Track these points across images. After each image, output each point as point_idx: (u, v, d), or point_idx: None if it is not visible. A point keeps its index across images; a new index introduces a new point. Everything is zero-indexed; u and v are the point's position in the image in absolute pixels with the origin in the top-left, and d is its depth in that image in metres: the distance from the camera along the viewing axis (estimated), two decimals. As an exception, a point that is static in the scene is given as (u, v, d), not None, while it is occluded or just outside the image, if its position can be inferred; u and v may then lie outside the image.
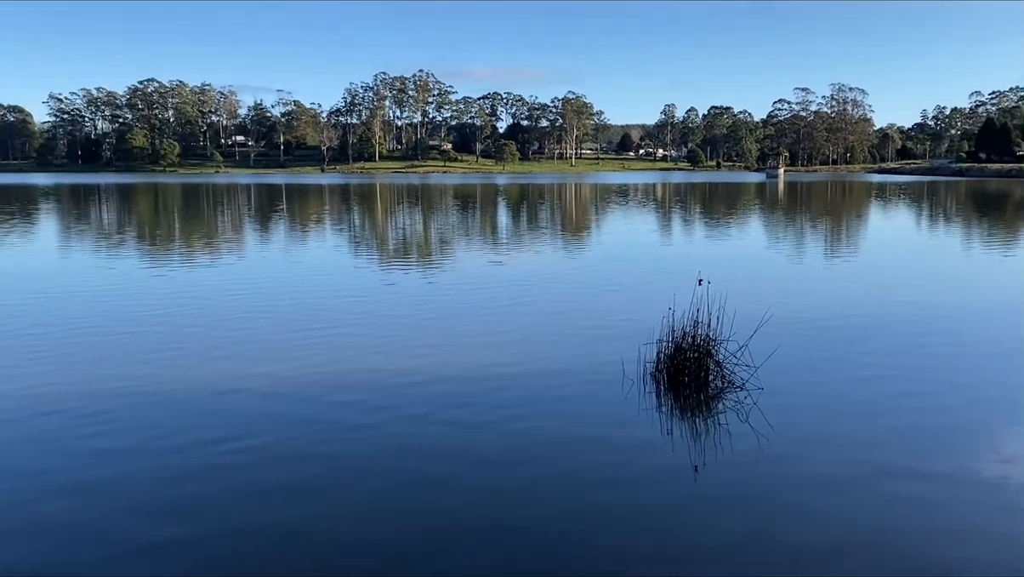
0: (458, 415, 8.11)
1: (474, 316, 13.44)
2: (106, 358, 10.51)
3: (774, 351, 9.87)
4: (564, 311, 13.84)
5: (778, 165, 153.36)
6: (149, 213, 45.07)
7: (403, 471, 6.71)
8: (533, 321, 12.96)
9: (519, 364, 10.11)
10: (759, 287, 16.27)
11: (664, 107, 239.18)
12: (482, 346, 11.23)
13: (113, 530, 5.65)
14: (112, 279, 18.14)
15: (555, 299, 15.09)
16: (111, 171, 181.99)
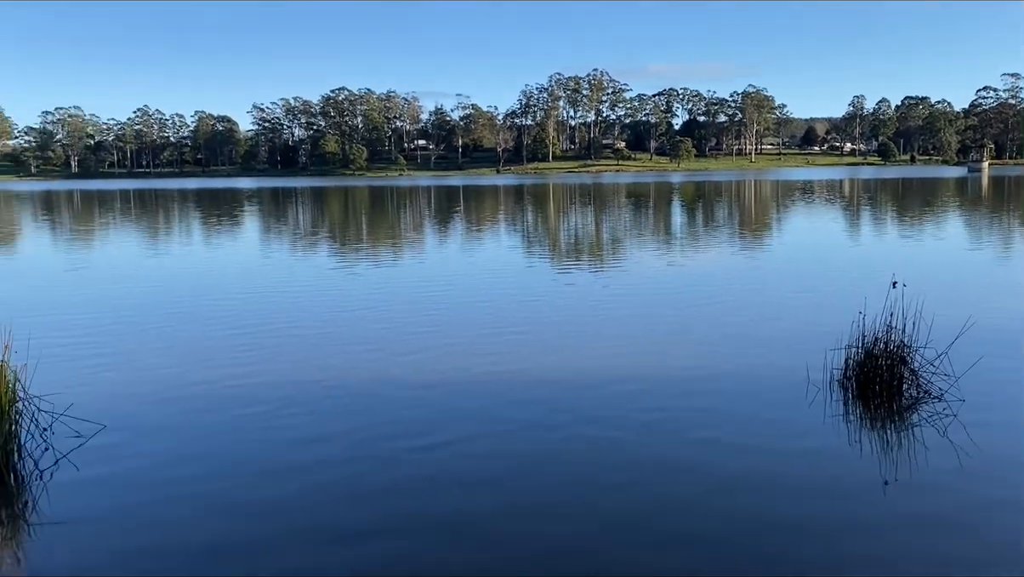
0: (637, 418, 8.03)
1: (651, 318, 13.26)
2: (302, 353, 11.24)
3: (977, 361, 9.05)
4: (744, 313, 13.38)
5: (981, 158, 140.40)
6: (340, 214, 47.93)
7: (583, 473, 6.71)
8: (712, 323, 12.62)
9: (698, 367, 9.87)
10: (960, 291, 15.02)
11: (852, 98, 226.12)
12: (660, 349, 11.07)
13: (316, 514, 6.03)
14: (307, 277, 19.42)
15: (735, 301, 14.62)
16: (306, 175, 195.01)
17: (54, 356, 9.31)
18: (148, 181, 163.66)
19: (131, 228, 38.16)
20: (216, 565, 5.28)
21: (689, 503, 6.07)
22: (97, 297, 16.50)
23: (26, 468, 6.84)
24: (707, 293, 15.54)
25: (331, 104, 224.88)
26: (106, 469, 6.83)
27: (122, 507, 6.13)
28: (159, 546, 5.53)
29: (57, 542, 5.63)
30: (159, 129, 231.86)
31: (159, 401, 8.76)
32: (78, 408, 7.72)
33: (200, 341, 11.86)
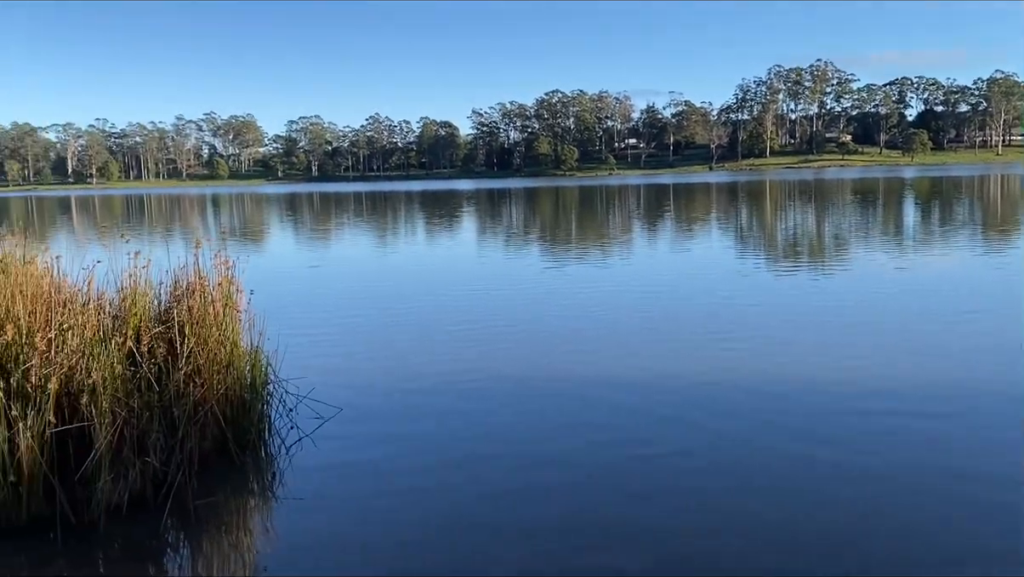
0: (866, 437, 7.59)
1: (877, 326, 12.42)
2: (520, 350, 11.62)
3: None
4: (973, 322, 12.19)
5: None
6: (551, 213, 48.89)
7: (775, 485, 6.47)
8: (934, 331, 11.62)
9: (906, 380, 9.14)
10: None
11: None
12: (889, 360, 10.35)
13: (536, 512, 6.25)
14: (522, 275, 20.02)
15: (964, 307, 13.35)
16: (520, 176, 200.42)
17: (298, 344, 10.25)
18: (378, 184, 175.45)
19: (363, 227, 41.16)
20: (427, 540, 5.61)
21: (877, 519, 5.65)
22: (335, 291, 17.98)
23: (274, 444, 7.62)
24: (941, 300, 14.29)
25: (544, 106, 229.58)
26: (342, 450, 7.45)
27: (355, 486, 6.66)
28: (387, 526, 5.96)
29: (298, 514, 6.22)
30: (388, 135, 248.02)
31: (390, 389, 9.42)
32: (318, 392, 8.48)
33: (426, 334, 12.58)
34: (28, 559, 5.52)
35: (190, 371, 6.84)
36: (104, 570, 5.47)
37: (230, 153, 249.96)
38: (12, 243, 7.91)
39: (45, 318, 6.52)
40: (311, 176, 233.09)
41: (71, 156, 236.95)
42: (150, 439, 6.27)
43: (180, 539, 5.88)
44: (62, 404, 6.01)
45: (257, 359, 7.57)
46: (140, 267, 7.53)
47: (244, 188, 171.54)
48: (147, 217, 57.86)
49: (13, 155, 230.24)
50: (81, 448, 6.05)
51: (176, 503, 6.17)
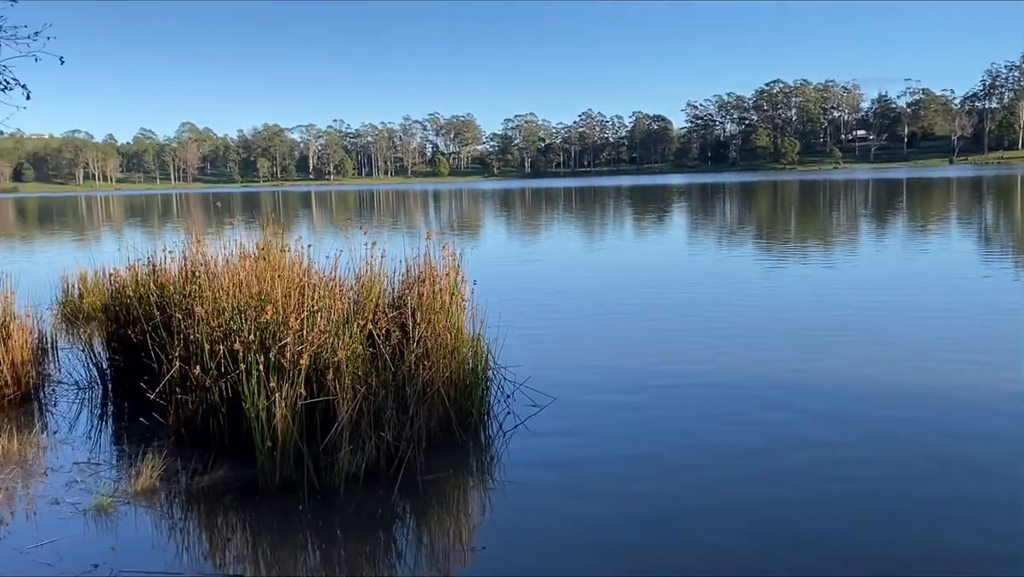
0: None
1: None
2: (733, 347, 11.31)
3: None
4: None
5: None
6: (768, 210, 46.95)
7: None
8: None
9: None
10: None
11: None
12: None
13: (763, 516, 6.11)
14: (736, 273, 19.42)
15: None
16: (735, 170, 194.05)
17: (515, 334, 10.57)
18: (588, 179, 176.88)
19: (574, 222, 41.70)
20: (643, 543, 5.61)
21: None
22: (549, 283, 18.39)
23: (493, 428, 7.95)
24: None
25: (764, 97, 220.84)
26: (555, 439, 7.63)
27: (568, 476, 6.78)
28: (599, 515, 6.04)
29: (514, 497, 6.44)
30: (599, 130, 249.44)
31: (604, 383, 9.49)
32: (534, 381, 8.72)
33: (640, 330, 12.58)
34: (278, 517, 6.15)
35: (420, 354, 7.30)
36: (341, 533, 5.97)
37: (451, 151, 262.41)
38: (270, 233, 8.79)
39: (298, 301, 7.21)
40: (524, 172, 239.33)
41: (312, 155, 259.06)
42: (385, 415, 6.76)
43: (408, 510, 6.29)
44: (311, 379, 6.64)
45: (479, 346, 7.94)
46: (376, 256, 8.13)
47: (463, 184, 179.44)
48: (376, 210, 62.10)
49: (264, 154, 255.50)
50: (325, 420, 6.64)
51: (406, 476, 6.61)
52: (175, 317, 7.64)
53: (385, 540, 5.90)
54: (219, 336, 7.08)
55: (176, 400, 7.30)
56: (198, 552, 5.65)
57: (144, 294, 8.91)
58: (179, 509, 6.26)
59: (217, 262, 8.32)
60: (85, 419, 8.62)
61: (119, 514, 6.12)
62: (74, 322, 13.58)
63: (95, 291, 13.70)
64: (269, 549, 5.73)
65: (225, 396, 7.08)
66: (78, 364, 10.05)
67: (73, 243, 34.89)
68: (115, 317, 9.39)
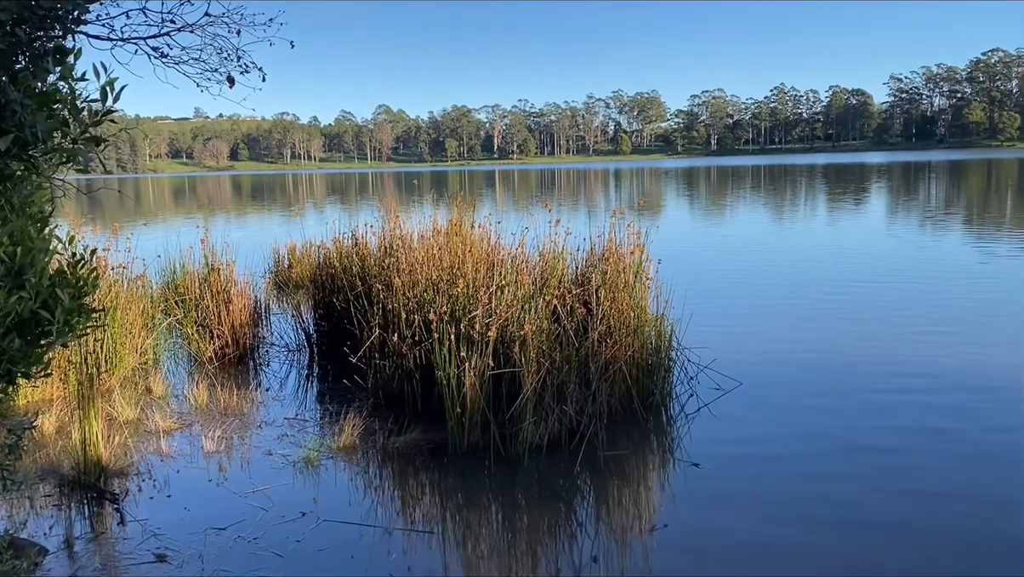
0: None
1: None
2: (923, 343, 10.56)
3: None
4: None
5: None
6: (980, 192, 42.96)
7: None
8: None
9: None
10: None
11: None
12: None
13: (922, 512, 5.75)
14: (933, 263, 18.02)
15: None
16: (943, 147, 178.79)
17: (700, 315, 10.37)
18: (778, 157, 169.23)
19: (762, 203, 40.12)
20: (831, 532, 5.41)
21: None
22: (735, 266, 17.86)
23: (675, 409, 7.90)
24: None
25: (980, 68, 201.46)
26: (739, 424, 7.47)
27: (749, 463, 6.62)
28: (783, 502, 5.87)
29: (694, 480, 6.37)
30: (793, 105, 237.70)
31: (791, 371, 9.14)
32: (718, 364, 8.56)
33: (830, 318, 11.99)
34: (465, 481, 6.45)
35: (603, 331, 7.37)
36: (523, 500, 6.17)
37: (633, 129, 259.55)
38: (459, 209, 9.15)
39: (486, 275, 7.48)
40: (710, 150, 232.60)
41: (497, 134, 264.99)
42: (568, 389, 6.91)
43: (588, 484, 6.40)
44: (498, 351, 6.88)
45: (662, 326, 7.90)
46: (560, 234, 8.26)
47: (644, 163, 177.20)
48: (557, 189, 62.67)
49: (452, 134, 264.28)
50: (511, 391, 6.87)
51: (587, 451, 6.72)
52: (375, 288, 8.16)
53: (566, 511, 6.04)
54: (414, 306, 7.49)
55: (375, 365, 7.81)
56: (391, 508, 6.04)
57: (347, 265, 9.56)
58: (375, 466, 6.71)
59: (413, 237, 8.77)
60: (294, 379, 9.41)
61: (322, 467, 6.66)
62: (284, 290, 14.77)
63: (303, 261, 14.83)
64: (455, 510, 6.03)
65: (419, 363, 7.49)
66: (288, 328, 10.96)
67: (281, 217, 37.83)
68: (321, 286, 10.14)
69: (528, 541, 5.55)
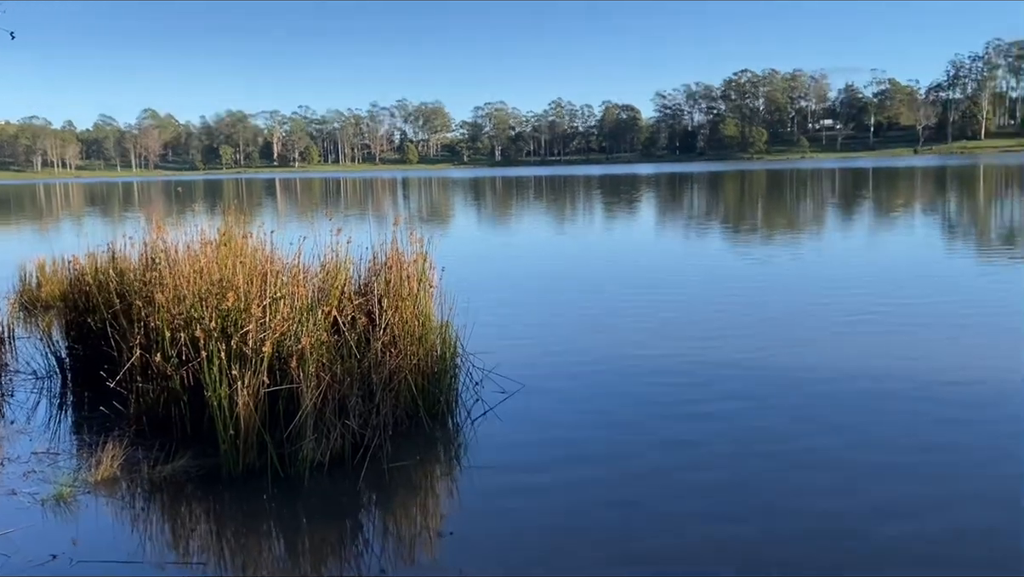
0: None
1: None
2: (695, 333, 11.38)
3: None
4: None
5: None
6: (735, 199, 47.31)
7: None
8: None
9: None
10: None
11: None
12: None
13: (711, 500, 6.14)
14: (700, 261, 19.55)
15: None
16: (703, 159, 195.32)
17: (484, 321, 10.49)
18: (558, 168, 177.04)
19: (544, 211, 41.68)
20: (619, 525, 5.62)
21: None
22: (518, 271, 18.36)
23: (461, 415, 7.92)
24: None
25: (732, 87, 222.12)
26: (524, 425, 7.61)
27: (536, 461, 6.77)
28: (570, 502, 6.03)
29: (482, 483, 6.42)
30: (569, 119, 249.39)
31: (572, 370, 9.49)
32: (503, 368, 8.69)
33: (607, 317, 12.61)
34: (242, 507, 6.07)
35: (387, 341, 7.24)
36: (306, 520, 5.90)
37: (420, 138, 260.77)
38: (231, 219, 8.64)
39: (260, 287, 7.10)
40: (494, 161, 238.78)
41: (276, 141, 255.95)
42: (350, 403, 6.69)
43: (374, 498, 6.24)
44: (274, 367, 6.54)
45: (447, 333, 7.89)
46: (342, 243, 8.03)
47: (432, 172, 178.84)
48: (343, 198, 61.60)
49: (227, 140, 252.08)
50: (289, 408, 6.56)
51: (372, 464, 6.55)
52: (135, 304, 7.49)
53: (351, 528, 5.84)
54: (180, 323, 6.96)
55: (137, 388, 7.17)
56: (160, 542, 5.56)
57: (103, 281, 8.73)
58: (141, 499, 6.15)
59: (178, 249, 8.16)
60: (44, 409, 8.44)
61: (79, 504, 6.00)
62: (32, 311, 13.29)
63: (53, 280, 13.41)
64: (233, 538, 5.65)
65: (187, 384, 6.96)
66: (36, 353, 9.83)
67: (31, 232, 34.18)
68: (74, 305, 9.19)
69: (312, 563, 5.30)
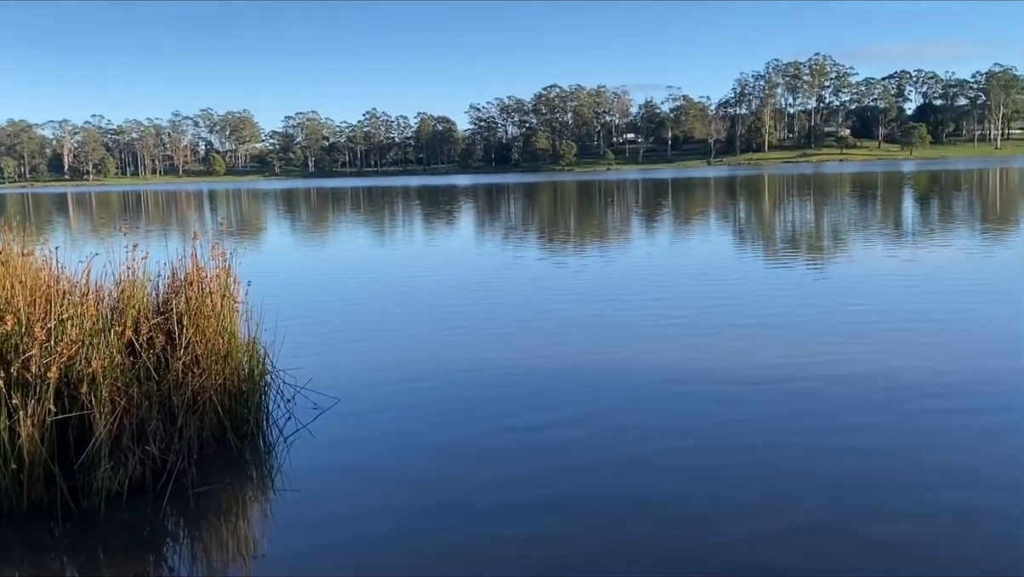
0: (843, 421, 7.71)
1: (869, 317, 12.53)
2: (518, 340, 11.69)
3: None
4: (967, 315, 12.28)
5: None
6: (549, 209, 48.94)
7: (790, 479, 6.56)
8: (927, 325, 11.70)
9: (919, 369, 9.22)
10: None
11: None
12: (878, 349, 10.43)
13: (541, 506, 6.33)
14: (519, 269, 20.08)
15: (958, 301, 13.45)
16: (517, 171, 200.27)
17: (296, 336, 10.28)
18: (375, 179, 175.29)
19: (360, 222, 41.19)
20: (432, 529, 5.69)
21: (877, 511, 5.74)
22: (332, 284, 18.04)
23: (273, 434, 7.70)
24: (932, 292, 14.39)
25: (542, 101, 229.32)
26: (339, 440, 7.52)
27: (351, 476, 6.71)
28: (381, 510, 6.03)
29: (295, 503, 6.29)
30: (385, 131, 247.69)
31: (388, 380, 9.46)
32: (316, 383, 8.52)
33: (423, 326, 12.65)
34: (28, 544, 5.60)
35: (189, 361, 6.92)
36: (103, 555, 5.54)
37: (227, 149, 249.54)
38: (10, 236, 7.94)
39: (44, 308, 6.58)
40: (308, 172, 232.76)
41: (67, 153, 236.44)
42: (150, 427, 6.34)
43: (179, 526, 5.95)
44: (62, 393, 6.08)
45: (255, 350, 7.65)
46: (138, 259, 7.59)
47: (241, 184, 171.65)
48: (144, 213, 57.87)
49: (9, 152, 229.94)
50: (82, 437, 6.12)
51: (176, 491, 6.24)
52: None
53: (155, 559, 5.54)
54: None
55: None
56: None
57: None
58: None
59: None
60: None
61: None
62: None
63: None
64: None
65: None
66: None
67: None
68: None
69: (108, 601, 4.98)
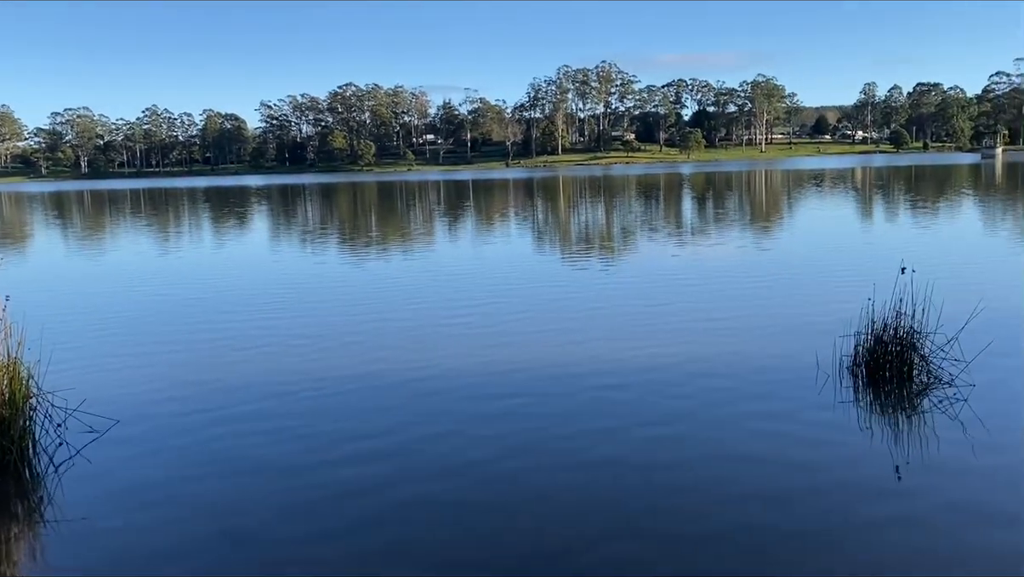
0: (646, 407, 8.07)
1: (655, 310, 13.27)
2: (308, 351, 11.29)
3: (987, 345, 9.01)
4: (753, 303, 13.36)
5: (995, 144, 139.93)
6: (348, 210, 48.03)
7: (586, 465, 6.76)
8: (720, 314, 12.60)
9: (705, 357, 9.86)
10: (971, 278, 14.90)
11: (864, 86, 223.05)
12: (668, 340, 11.06)
13: (328, 515, 6.08)
14: (315, 274, 19.51)
15: (742, 291, 14.60)
16: (314, 171, 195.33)
17: (66, 353, 9.38)
18: (157, 180, 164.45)
19: (141, 227, 38.35)
20: (227, 561, 5.32)
21: (693, 491, 6.08)
22: (107, 296, 16.60)
23: (41, 463, 6.91)
24: (712, 284, 15.52)
25: (338, 100, 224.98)
26: (119, 464, 6.88)
27: (132, 502, 6.17)
28: (170, 541, 5.57)
29: (72, 537, 5.68)
30: (168, 128, 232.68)
31: (170, 397, 8.81)
32: (92, 404, 7.77)
33: (209, 339, 11.92)
34: None
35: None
36: None
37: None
38: None
39: None
40: (80, 173, 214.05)
41: None
42: None
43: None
44: None
45: (16, 371, 6.84)
46: None
47: (1, 186, 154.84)
48: None
49: None
50: None
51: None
52: None
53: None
54: None
55: None
56: None
57: None
58: None
59: None
60: None
61: None
62: None
63: None
64: None
65: None
66: None
67: None
68: None
69: None
